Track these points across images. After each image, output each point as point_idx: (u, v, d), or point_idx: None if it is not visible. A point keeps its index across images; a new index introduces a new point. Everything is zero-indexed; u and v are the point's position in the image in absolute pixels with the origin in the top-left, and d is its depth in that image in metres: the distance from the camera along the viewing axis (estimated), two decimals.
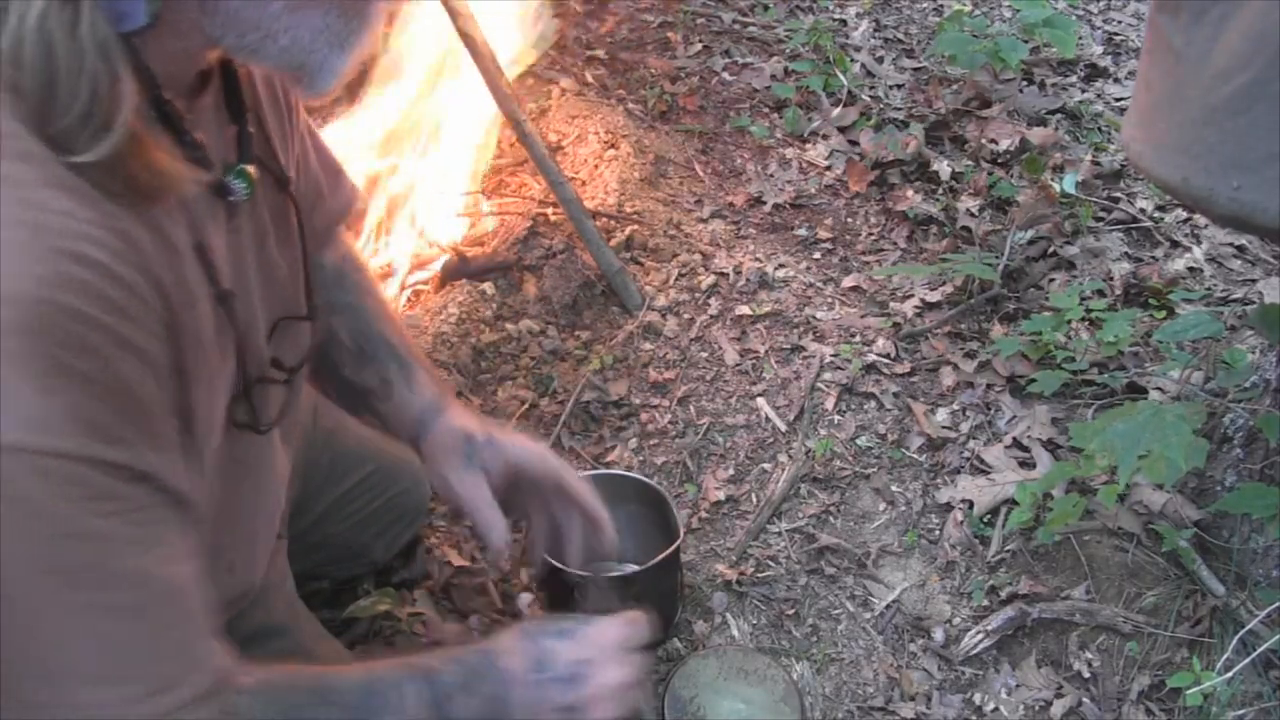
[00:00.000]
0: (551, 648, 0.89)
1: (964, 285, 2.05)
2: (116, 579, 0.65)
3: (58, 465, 0.59)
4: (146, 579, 0.67)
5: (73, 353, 0.59)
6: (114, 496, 0.63)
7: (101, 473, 0.61)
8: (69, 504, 0.60)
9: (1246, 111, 1.03)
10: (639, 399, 1.83)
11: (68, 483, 0.60)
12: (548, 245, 2.02)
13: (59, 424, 0.58)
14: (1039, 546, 1.58)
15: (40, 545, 0.60)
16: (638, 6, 2.95)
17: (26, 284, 0.57)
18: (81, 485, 0.60)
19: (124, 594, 0.65)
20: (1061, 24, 2.54)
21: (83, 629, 0.63)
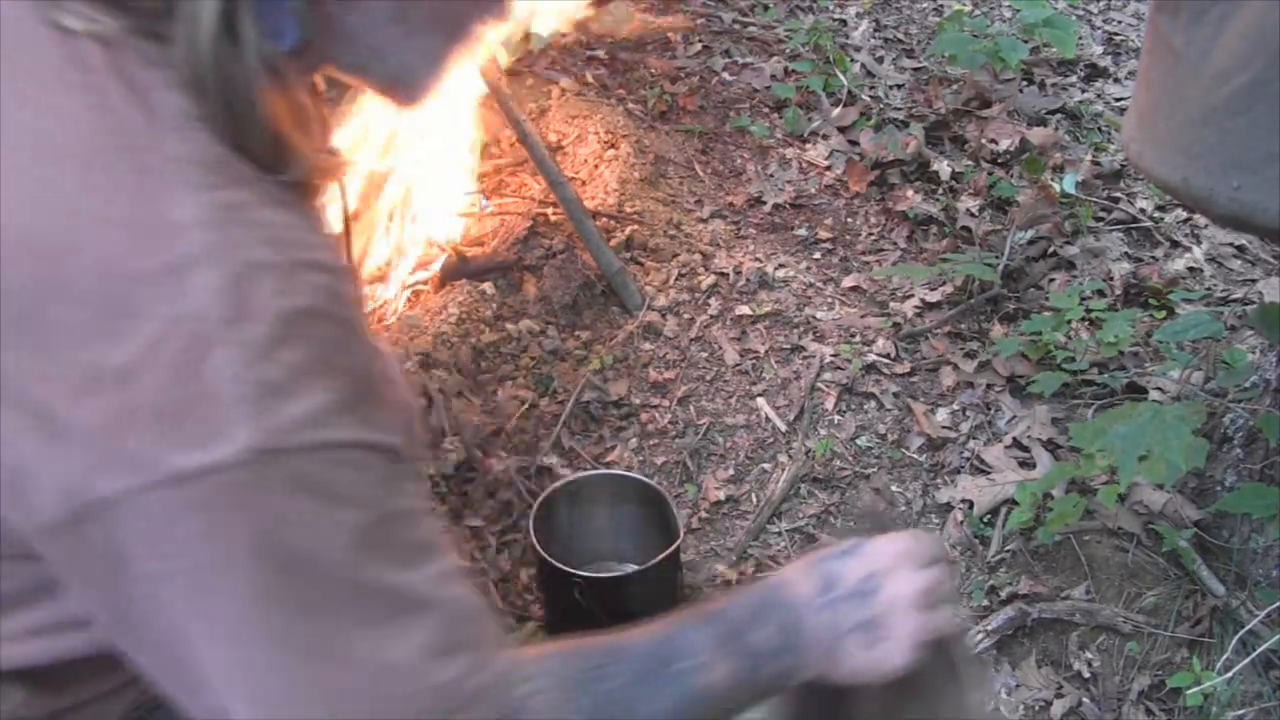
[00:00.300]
0: (836, 568, 0.85)
1: (964, 285, 2.05)
2: (412, 541, 0.68)
3: (344, 455, 0.62)
4: (430, 540, 0.70)
5: (331, 349, 0.63)
6: (396, 476, 0.67)
7: (382, 458, 0.65)
8: (371, 487, 0.64)
9: (1246, 112, 1.03)
10: (639, 399, 1.83)
11: (353, 467, 0.63)
12: (548, 245, 2.02)
13: (334, 418, 0.62)
14: (1039, 546, 1.58)
15: (344, 523, 0.63)
16: (637, 7, 2.95)
17: (284, 298, 0.60)
18: (372, 469, 0.64)
19: (421, 551, 0.68)
20: (1061, 24, 2.54)
21: (394, 593, 0.66)
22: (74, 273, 0.58)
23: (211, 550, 0.60)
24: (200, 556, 0.60)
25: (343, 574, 0.64)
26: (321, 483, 0.62)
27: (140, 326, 0.58)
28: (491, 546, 1.60)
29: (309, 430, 0.61)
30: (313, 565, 0.63)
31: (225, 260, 0.59)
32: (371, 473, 0.65)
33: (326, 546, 0.63)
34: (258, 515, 0.60)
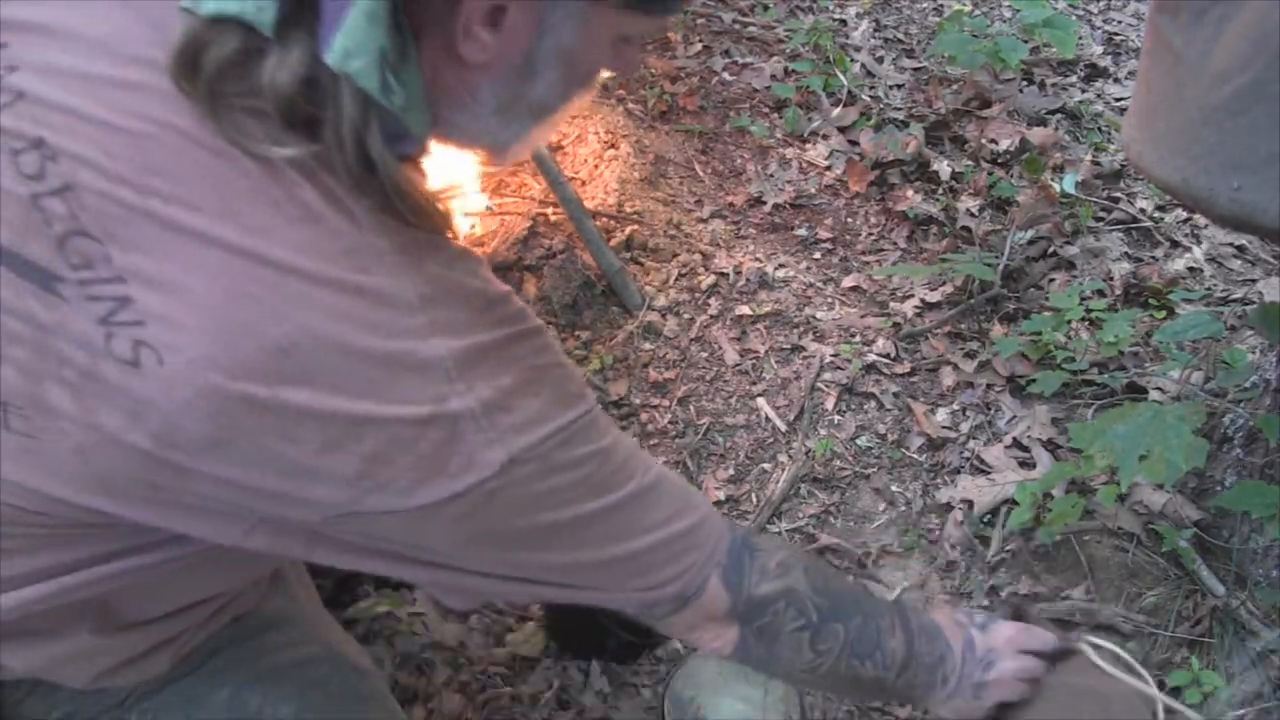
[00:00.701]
0: (974, 635, 1.08)
1: (964, 285, 2.05)
2: (636, 459, 0.85)
3: (567, 433, 0.77)
4: (632, 448, 0.86)
5: (533, 360, 0.77)
6: (595, 422, 0.81)
7: (585, 417, 0.79)
8: (585, 440, 0.79)
9: (1246, 112, 1.03)
10: (639, 399, 1.83)
11: (577, 434, 0.78)
12: (548, 245, 2.02)
13: (551, 411, 0.76)
14: (1039, 546, 1.58)
15: (595, 478, 0.79)
16: None
17: (489, 337, 0.73)
18: (582, 431, 0.78)
19: (642, 462, 0.85)
20: (1061, 24, 2.54)
21: (648, 495, 0.84)
22: (314, 366, 0.67)
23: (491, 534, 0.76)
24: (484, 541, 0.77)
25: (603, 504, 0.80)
26: (558, 459, 0.76)
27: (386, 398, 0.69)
28: None
29: (538, 429, 0.75)
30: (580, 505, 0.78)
31: (442, 324, 0.71)
32: (583, 434, 0.79)
33: (580, 494, 0.78)
34: (518, 502, 0.75)
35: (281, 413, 0.66)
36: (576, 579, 0.83)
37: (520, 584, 0.82)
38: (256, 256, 0.65)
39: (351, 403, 0.67)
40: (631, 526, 0.84)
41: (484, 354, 0.73)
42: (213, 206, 0.65)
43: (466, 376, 0.71)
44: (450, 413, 0.70)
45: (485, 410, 0.71)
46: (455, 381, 0.70)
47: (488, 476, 0.71)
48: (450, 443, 0.70)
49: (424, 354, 0.69)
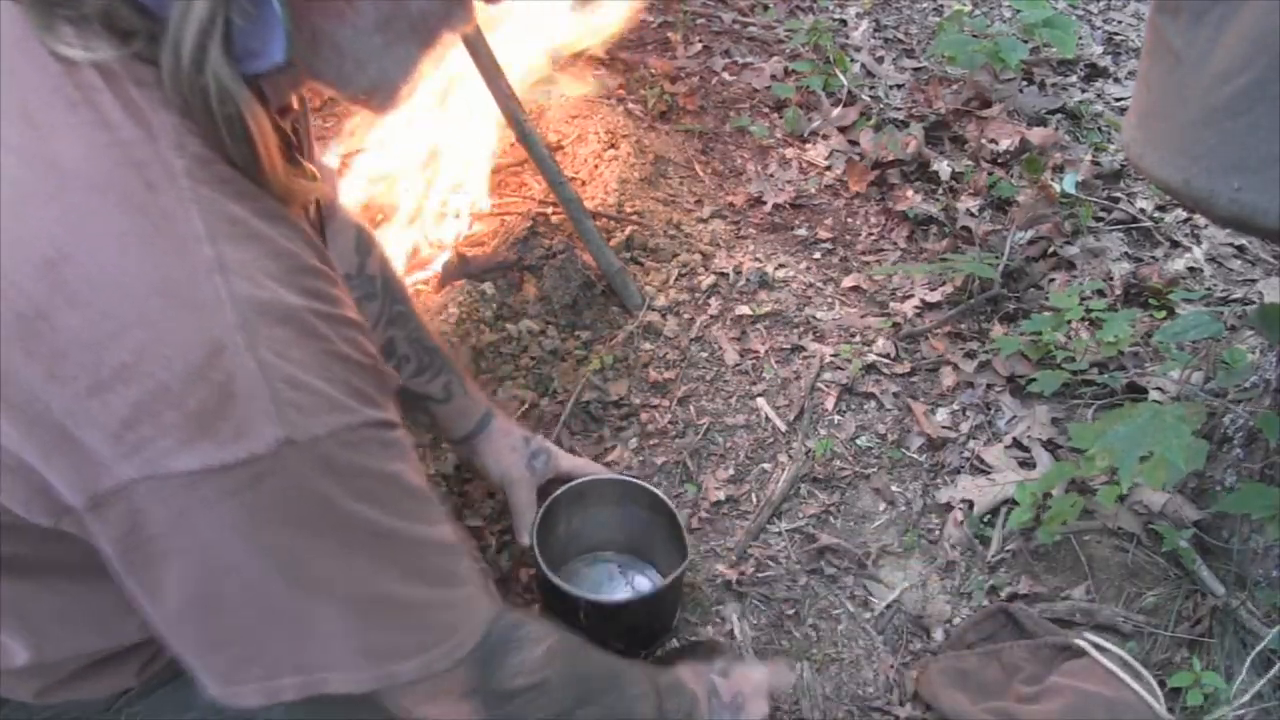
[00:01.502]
0: (718, 681, 1.15)
1: (964, 285, 2.05)
2: (419, 501, 0.78)
3: (355, 434, 0.70)
4: (428, 495, 0.80)
5: (334, 343, 0.69)
6: (390, 443, 0.75)
7: (379, 429, 0.73)
8: (371, 459, 0.72)
9: (1247, 113, 1.03)
10: (639, 399, 1.83)
11: (366, 443, 0.71)
12: (548, 245, 2.02)
13: (346, 402, 0.69)
14: (1039, 546, 1.58)
15: (364, 495, 0.71)
16: (638, 7, 2.95)
17: (286, 302, 0.66)
18: (374, 443, 0.72)
19: (424, 508, 0.78)
20: (1061, 24, 2.54)
21: (414, 549, 0.77)
22: (81, 283, 0.61)
23: (251, 525, 0.66)
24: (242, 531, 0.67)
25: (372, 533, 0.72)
26: (341, 461, 0.69)
27: (156, 334, 0.61)
28: (491, 546, 1.60)
29: (325, 418, 0.67)
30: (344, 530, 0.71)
31: (234, 271, 0.64)
32: (377, 445, 0.72)
33: (353, 512, 0.71)
34: (289, 494, 0.66)
35: (49, 336, 0.61)
36: (322, 620, 0.73)
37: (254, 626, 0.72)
38: (40, 159, 0.62)
39: (120, 334, 0.61)
40: (404, 571, 0.76)
41: (278, 316, 0.65)
42: (7, 105, 0.62)
43: (251, 332, 0.63)
44: (225, 368, 0.63)
45: (266, 376, 0.64)
46: (236, 333, 0.63)
47: (259, 454, 0.64)
48: (222, 404, 0.63)
49: (205, 293, 0.62)
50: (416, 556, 0.77)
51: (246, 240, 0.66)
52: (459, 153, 2.23)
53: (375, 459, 0.72)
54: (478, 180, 2.24)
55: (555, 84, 2.50)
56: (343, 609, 0.73)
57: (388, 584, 0.75)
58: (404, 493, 0.76)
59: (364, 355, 0.73)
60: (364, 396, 0.71)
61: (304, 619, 0.73)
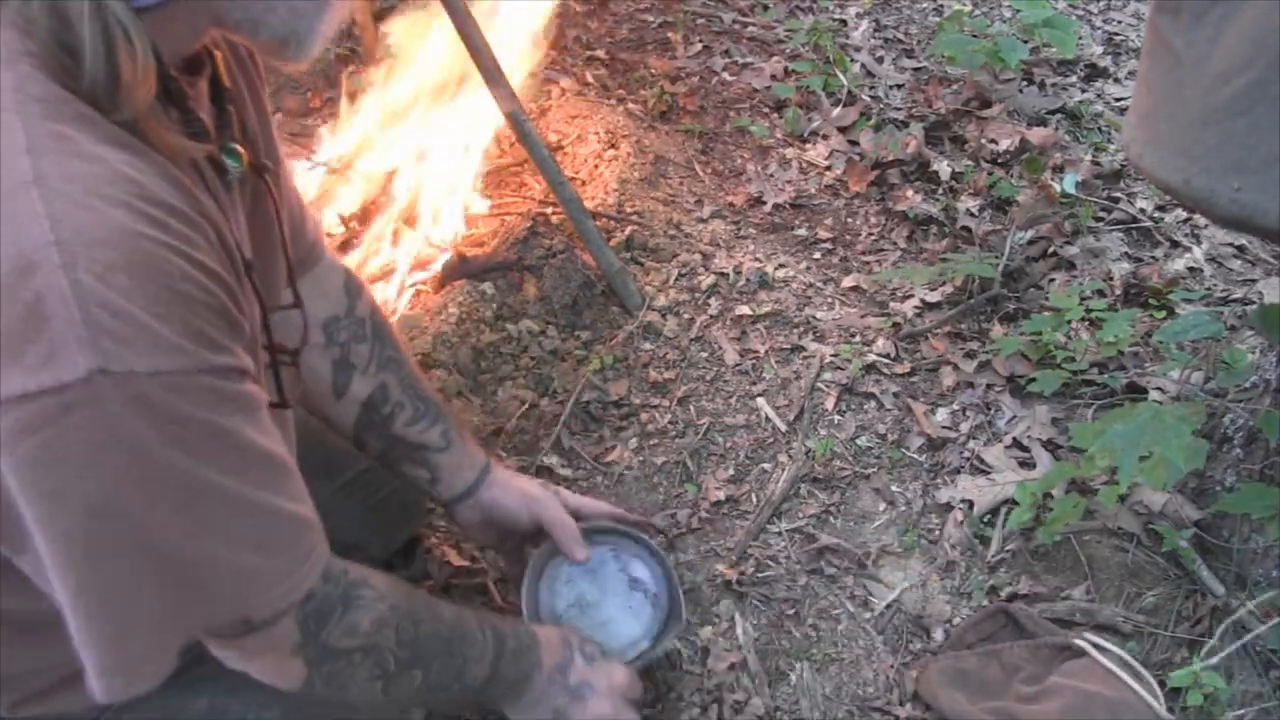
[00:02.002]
0: (575, 662, 1.13)
1: (964, 285, 2.05)
2: (249, 459, 0.74)
3: (187, 380, 0.65)
4: (268, 456, 0.76)
5: (170, 277, 0.64)
6: (234, 396, 0.71)
7: (217, 377, 0.69)
8: (204, 409, 0.68)
9: (1247, 113, 1.03)
10: (639, 399, 1.83)
11: (198, 392, 0.67)
12: (548, 245, 2.02)
13: (180, 344, 0.64)
14: (1039, 546, 1.58)
15: (189, 446, 0.67)
16: (638, 6, 2.95)
17: (116, 225, 0.62)
18: (209, 391, 0.68)
19: (257, 471, 0.75)
20: (1061, 24, 2.54)
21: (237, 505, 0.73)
22: None
23: (56, 465, 0.62)
24: (44, 471, 0.62)
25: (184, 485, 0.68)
26: (161, 405, 0.64)
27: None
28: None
29: (148, 355, 0.62)
30: (154, 479, 0.66)
31: (54, 186, 0.60)
32: (211, 394, 0.68)
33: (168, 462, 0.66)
34: (99, 433, 0.61)
35: None
36: (125, 577, 0.69)
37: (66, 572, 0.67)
38: None
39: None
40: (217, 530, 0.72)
41: (103, 238, 0.61)
42: None
43: (68, 251, 0.59)
44: (34, 287, 0.58)
45: (83, 299, 0.59)
46: (50, 250, 0.58)
47: (67, 382, 0.59)
48: (30, 325, 0.58)
49: (19, 206, 0.59)
50: (234, 515, 0.73)
51: (75, 158, 0.62)
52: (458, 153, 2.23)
53: (205, 408, 0.67)
54: (476, 180, 2.24)
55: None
56: (144, 566, 0.69)
57: (198, 543, 0.71)
58: (233, 449, 0.71)
59: (212, 298, 0.68)
60: (204, 340, 0.66)
61: (109, 577, 0.68)
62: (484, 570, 1.57)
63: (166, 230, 0.65)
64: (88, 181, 0.61)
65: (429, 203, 2.15)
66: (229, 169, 0.85)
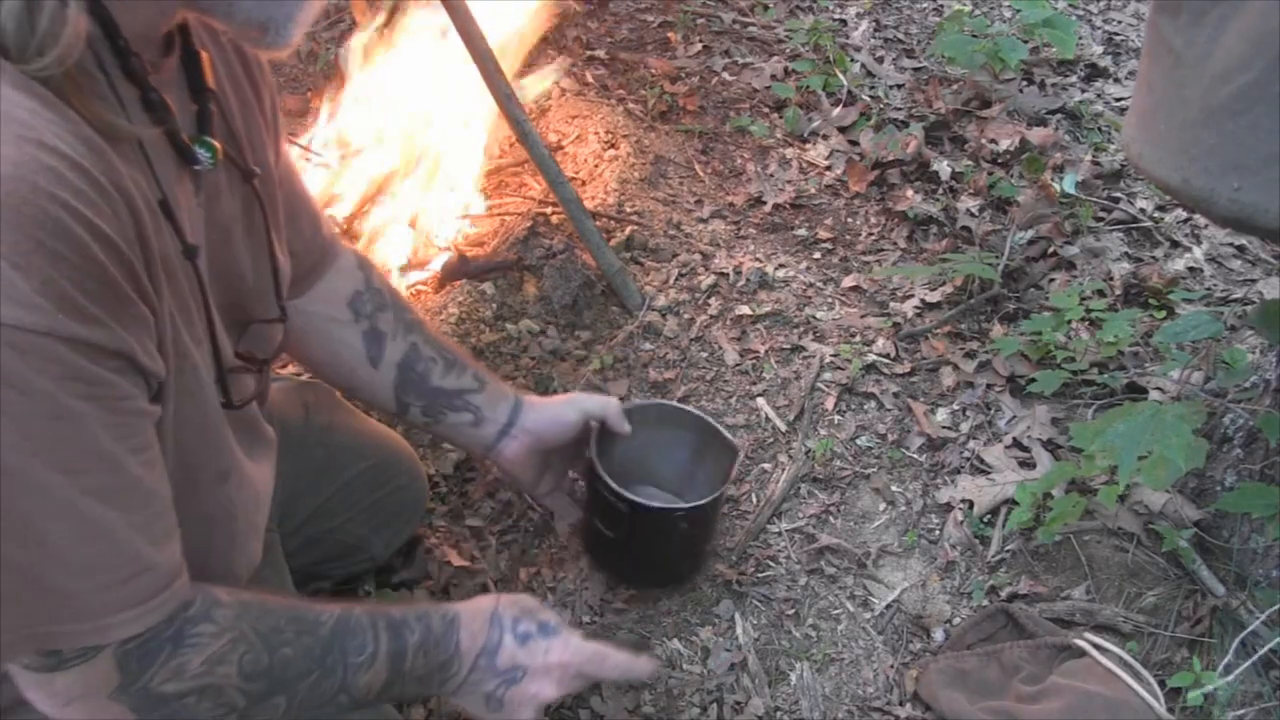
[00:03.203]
0: (504, 643, 1.02)
1: (964, 285, 2.05)
2: (91, 460, 0.66)
3: (36, 341, 0.59)
4: (119, 466, 0.68)
5: (47, 232, 0.59)
6: (91, 380, 0.64)
7: (78, 352, 0.62)
8: (47, 380, 0.61)
9: (1247, 113, 1.03)
10: (639, 399, 1.83)
11: (45, 359, 0.60)
12: (548, 245, 2.02)
13: (36, 301, 0.59)
14: (1039, 546, 1.58)
15: (18, 421, 0.61)
16: (638, 6, 2.95)
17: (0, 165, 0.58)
18: (59, 363, 0.61)
19: (97, 477, 0.67)
20: (1061, 24, 2.54)
21: (57, 508, 0.65)
22: None
23: None
24: None
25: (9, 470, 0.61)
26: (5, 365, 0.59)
27: None
28: (491, 546, 1.60)
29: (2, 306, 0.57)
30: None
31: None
32: (61, 367, 0.61)
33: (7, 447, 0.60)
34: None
35: None
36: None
37: None
38: None
39: None
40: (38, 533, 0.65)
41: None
42: None
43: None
44: None
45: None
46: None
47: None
48: None
49: None
50: (50, 519, 0.65)
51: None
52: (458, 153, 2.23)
53: (50, 380, 0.61)
54: (475, 180, 2.24)
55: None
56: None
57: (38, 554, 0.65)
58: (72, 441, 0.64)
59: (91, 264, 0.62)
60: (68, 304, 0.61)
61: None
62: (484, 570, 1.57)
63: (59, 182, 0.60)
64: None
65: (429, 202, 2.15)
66: (200, 158, 0.83)
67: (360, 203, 2.16)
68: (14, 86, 0.61)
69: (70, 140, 0.63)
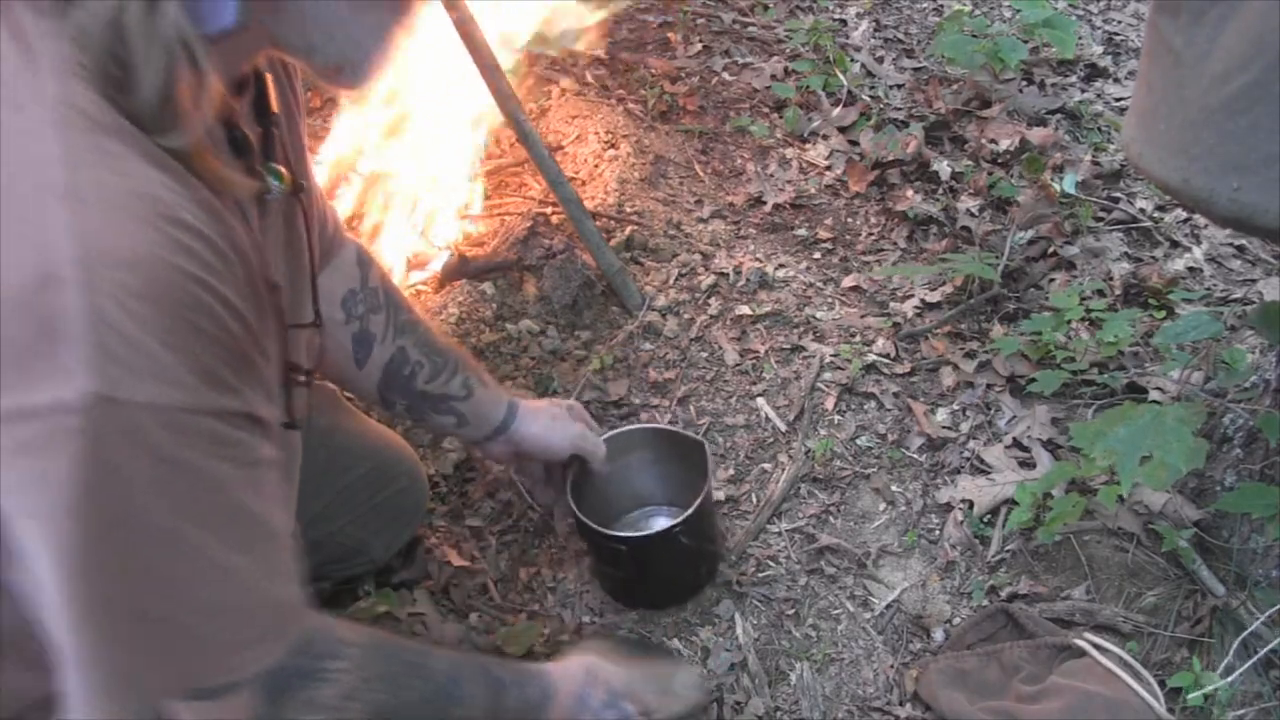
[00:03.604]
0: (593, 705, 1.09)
1: (964, 285, 2.05)
2: (229, 515, 0.70)
3: (186, 418, 0.63)
4: (253, 517, 0.72)
5: (190, 310, 0.63)
6: (229, 443, 0.68)
7: (219, 421, 0.66)
8: (194, 451, 0.65)
9: (1246, 113, 1.03)
10: (639, 399, 1.83)
11: (193, 433, 0.64)
12: (548, 245, 2.02)
13: (186, 379, 0.62)
14: (1039, 546, 1.58)
15: (168, 490, 0.64)
16: (638, 6, 2.95)
17: (144, 249, 0.60)
18: (204, 434, 0.65)
19: (235, 530, 0.71)
20: (1061, 24, 2.53)
21: (202, 564, 0.69)
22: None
23: (42, 489, 0.59)
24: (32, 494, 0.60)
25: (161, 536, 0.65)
26: (157, 442, 0.61)
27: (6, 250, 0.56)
28: (491, 546, 1.60)
29: (151, 386, 0.59)
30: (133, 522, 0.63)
31: (86, 200, 0.58)
32: (206, 437, 0.65)
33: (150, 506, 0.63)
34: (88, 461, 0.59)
35: None
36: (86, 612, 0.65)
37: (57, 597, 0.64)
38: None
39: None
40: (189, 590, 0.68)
41: (129, 261, 0.59)
42: None
43: (91, 271, 0.57)
44: (52, 303, 0.56)
45: (97, 321, 0.57)
46: (74, 268, 0.57)
47: (66, 402, 0.57)
48: (41, 340, 0.57)
49: (50, 218, 0.57)
50: (199, 576, 0.69)
51: (110, 173, 0.60)
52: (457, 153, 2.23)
53: (198, 452, 0.64)
54: (475, 180, 2.24)
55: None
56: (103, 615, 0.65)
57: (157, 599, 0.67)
58: (219, 503, 0.68)
59: (229, 337, 0.66)
60: (213, 379, 0.64)
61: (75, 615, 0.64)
62: (484, 570, 1.57)
63: (193, 259, 0.63)
64: (120, 198, 0.60)
65: (429, 203, 2.15)
66: (271, 188, 0.84)
67: (358, 202, 2.16)
68: (148, 161, 0.63)
69: (196, 211, 0.65)
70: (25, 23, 0.61)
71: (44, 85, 0.59)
